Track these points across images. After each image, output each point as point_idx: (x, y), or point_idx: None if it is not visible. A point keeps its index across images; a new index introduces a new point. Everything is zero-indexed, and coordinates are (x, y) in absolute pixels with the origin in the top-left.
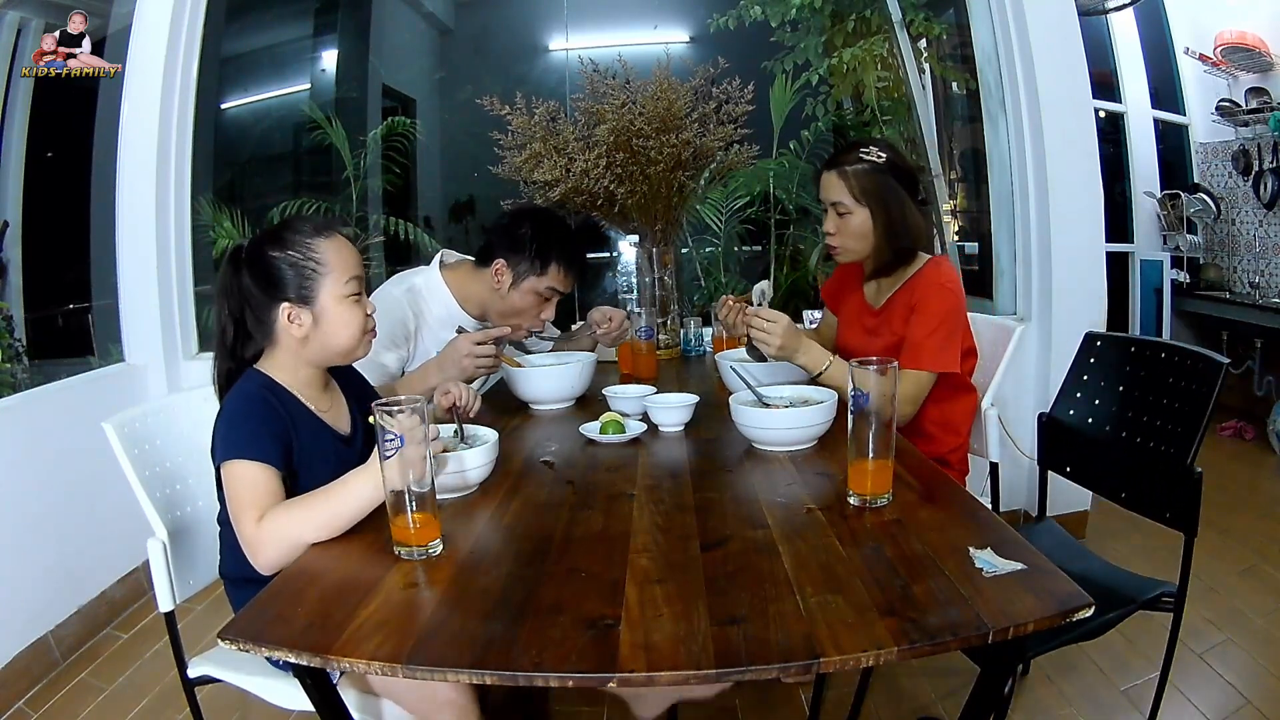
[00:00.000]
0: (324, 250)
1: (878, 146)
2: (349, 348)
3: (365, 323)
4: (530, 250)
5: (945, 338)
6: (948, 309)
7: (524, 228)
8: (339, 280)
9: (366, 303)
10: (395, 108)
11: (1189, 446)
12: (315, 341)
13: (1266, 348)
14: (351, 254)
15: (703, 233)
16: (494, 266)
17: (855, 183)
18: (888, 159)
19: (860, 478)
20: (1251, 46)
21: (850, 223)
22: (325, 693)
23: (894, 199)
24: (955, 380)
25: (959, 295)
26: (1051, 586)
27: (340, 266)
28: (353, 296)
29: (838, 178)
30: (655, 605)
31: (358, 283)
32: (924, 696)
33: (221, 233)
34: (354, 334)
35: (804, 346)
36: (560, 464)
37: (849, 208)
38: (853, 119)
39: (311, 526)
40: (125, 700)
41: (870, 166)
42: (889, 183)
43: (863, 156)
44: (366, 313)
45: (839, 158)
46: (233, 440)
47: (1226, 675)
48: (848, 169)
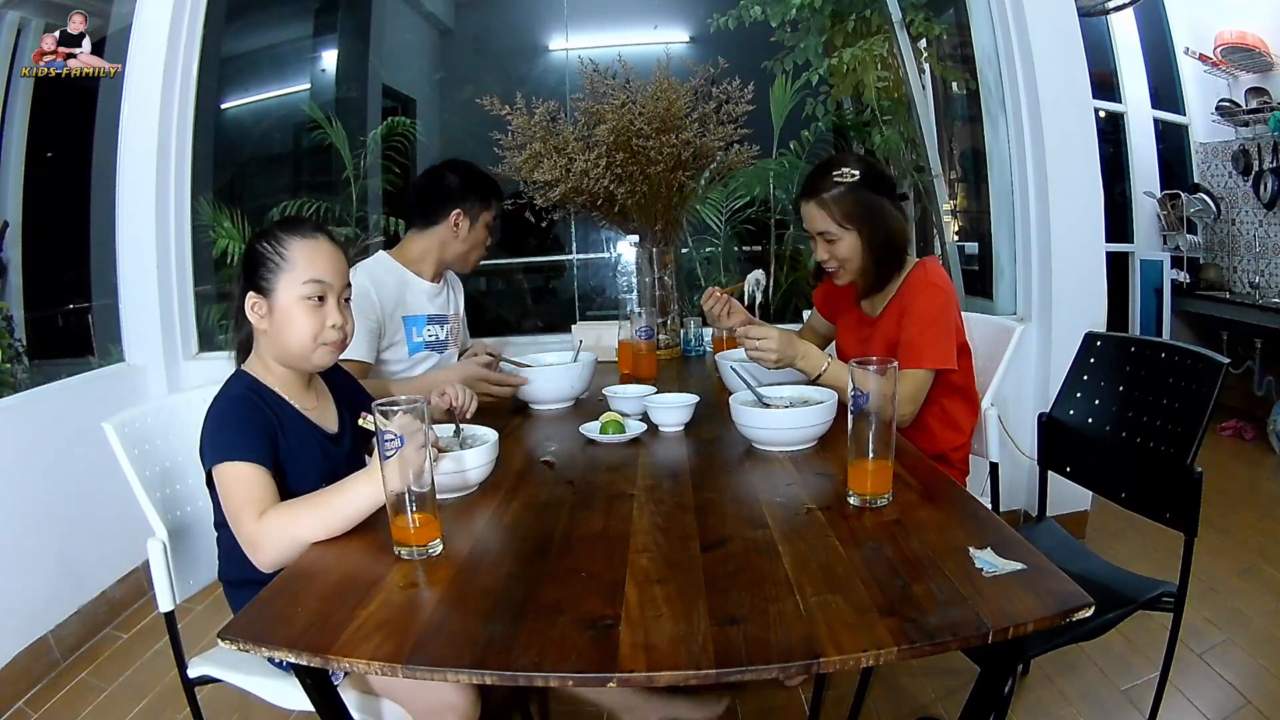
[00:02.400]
0: (293, 247)
1: (848, 164)
2: (298, 351)
3: (320, 332)
4: (474, 191)
5: (939, 334)
6: (938, 306)
7: (454, 176)
8: (297, 280)
9: (333, 314)
10: (395, 108)
11: (1189, 446)
12: (272, 335)
13: (1266, 348)
14: (323, 259)
15: (703, 233)
16: (451, 218)
17: (836, 209)
18: (861, 174)
19: (860, 478)
20: (1251, 46)
21: (840, 248)
22: (325, 693)
23: (877, 214)
24: (954, 378)
25: (948, 292)
26: (1051, 586)
27: (303, 266)
28: (309, 300)
29: (818, 208)
30: (655, 605)
31: (318, 287)
32: (924, 696)
33: (221, 233)
34: (303, 338)
35: (801, 352)
36: (560, 464)
37: (835, 234)
38: (853, 119)
39: (312, 526)
40: (125, 700)
41: (846, 188)
42: (868, 198)
43: (837, 180)
44: (328, 323)
45: (815, 184)
46: (222, 443)
47: (1226, 675)
48: (826, 196)
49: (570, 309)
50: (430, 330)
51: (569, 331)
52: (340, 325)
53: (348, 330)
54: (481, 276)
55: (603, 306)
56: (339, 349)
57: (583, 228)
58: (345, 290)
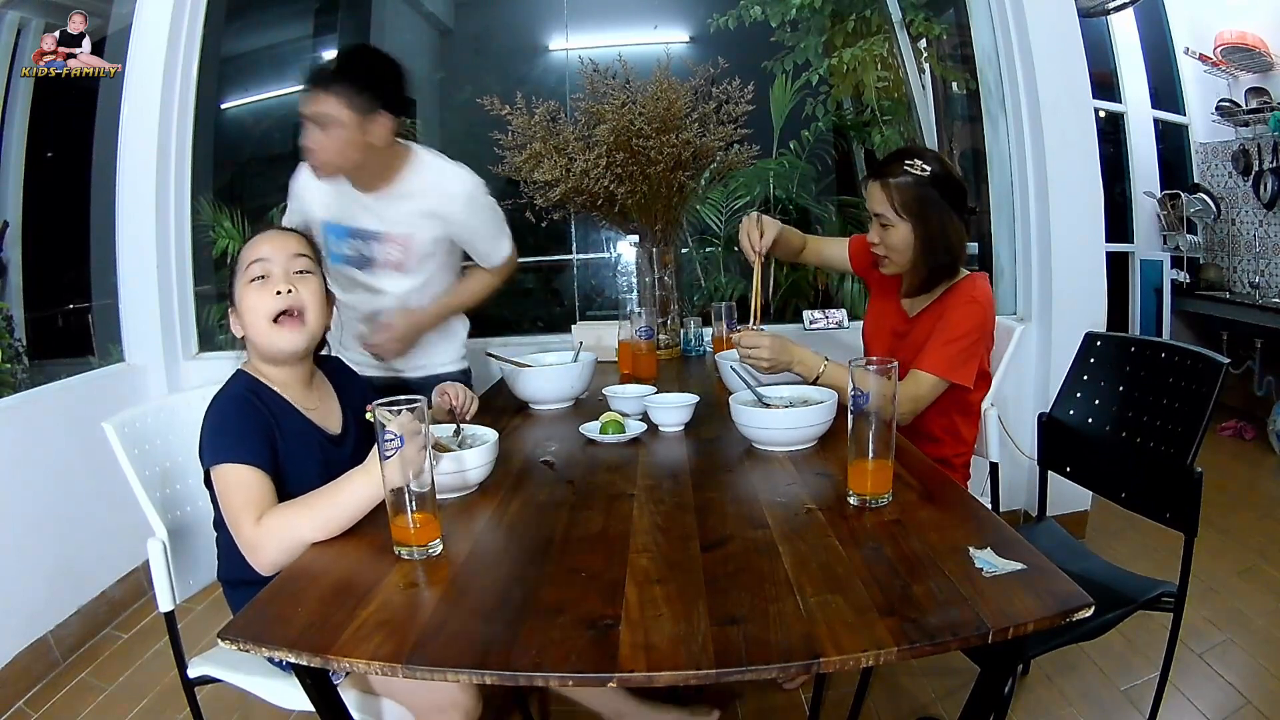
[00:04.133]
0: (243, 251)
1: (923, 159)
2: (262, 341)
3: (267, 306)
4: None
5: (964, 349)
6: (974, 323)
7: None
8: (244, 273)
9: (278, 283)
10: None
11: (1189, 446)
12: (246, 338)
13: (1266, 348)
14: (264, 242)
15: (703, 233)
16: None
17: (897, 195)
18: (932, 171)
19: (860, 478)
20: (1251, 46)
21: (892, 235)
22: (325, 693)
23: (935, 214)
24: (969, 397)
25: (988, 311)
26: (1051, 586)
27: (247, 258)
28: (253, 283)
29: (881, 189)
30: (655, 605)
31: (258, 266)
32: (924, 696)
33: (221, 233)
34: (256, 322)
35: (796, 357)
36: (560, 464)
37: (891, 220)
38: (853, 119)
39: (311, 526)
40: (125, 700)
41: (913, 180)
42: (931, 196)
43: (907, 169)
44: (274, 292)
45: (884, 167)
46: (220, 445)
47: (1226, 675)
48: (891, 181)
49: (570, 309)
50: (353, 244)
51: (569, 331)
52: (285, 292)
53: (302, 299)
54: None
55: (603, 306)
56: (297, 324)
57: (583, 228)
58: (295, 261)
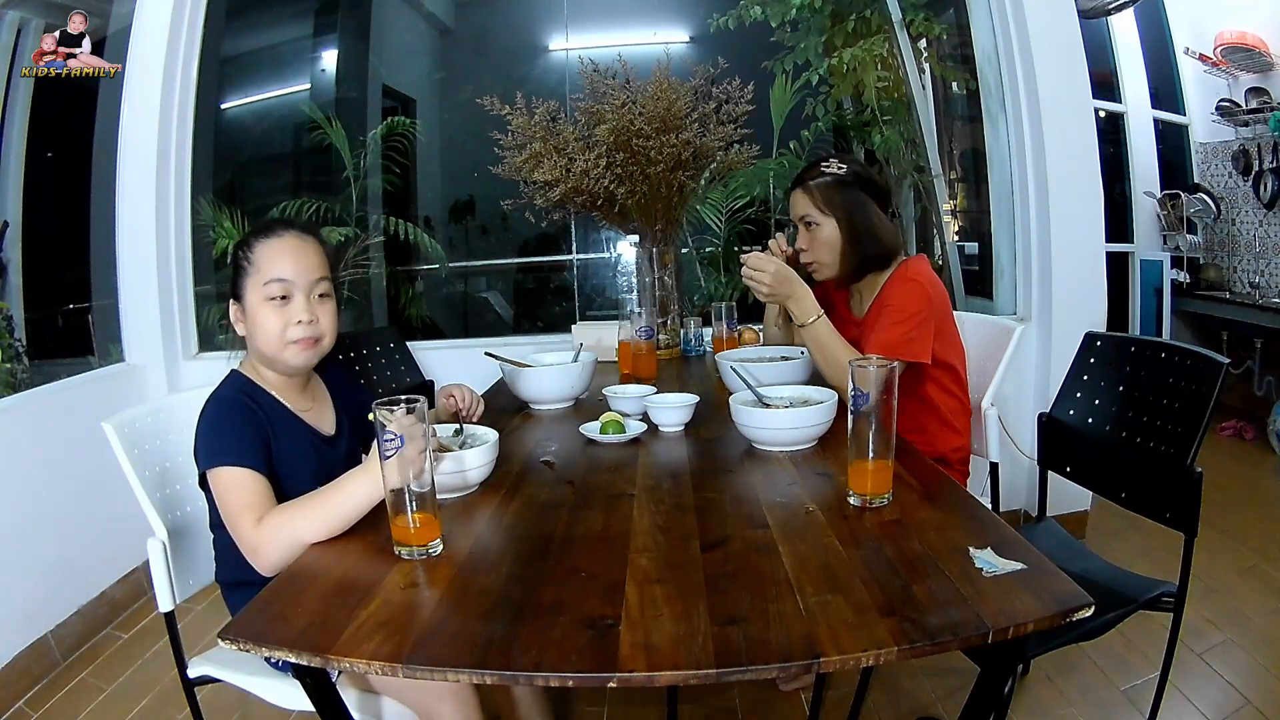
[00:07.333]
0: (257, 250)
1: (838, 159)
2: (270, 353)
3: (285, 330)
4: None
5: (913, 329)
6: (915, 300)
7: None
8: (259, 281)
9: (300, 311)
10: (395, 108)
11: (1189, 446)
12: (250, 340)
13: (1266, 348)
14: (286, 257)
15: (703, 233)
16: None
17: (819, 195)
18: (850, 170)
19: (860, 478)
20: (1251, 46)
21: (819, 235)
22: (325, 693)
23: (858, 207)
24: (950, 378)
25: (928, 287)
26: (1051, 586)
27: (265, 266)
28: (273, 300)
29: (802, 193)
30: (655, 605)
31: (279, 286)
32: (924, 696)
33: (221, 233)
34: (269, 339)
35: (796, 295)
36: (560, 464)
37: (815, 219)
38: (853, 119)
39: (311, 526)
40: (125, 700)
41: (832, 179)
42: (853, 193)
43: (824, 170)
44: (293, 320)
45: (803, 175)
46: (215, 446)
47: (1226, 675)
48: (811, 184)
49: (570, 309)
50: None
51: (569, 331)
52: (308, 321)
53: (323, 327)
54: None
55: (603, 306)
56: (312, 346)
57: (583, 228)
58: (317, 285)
